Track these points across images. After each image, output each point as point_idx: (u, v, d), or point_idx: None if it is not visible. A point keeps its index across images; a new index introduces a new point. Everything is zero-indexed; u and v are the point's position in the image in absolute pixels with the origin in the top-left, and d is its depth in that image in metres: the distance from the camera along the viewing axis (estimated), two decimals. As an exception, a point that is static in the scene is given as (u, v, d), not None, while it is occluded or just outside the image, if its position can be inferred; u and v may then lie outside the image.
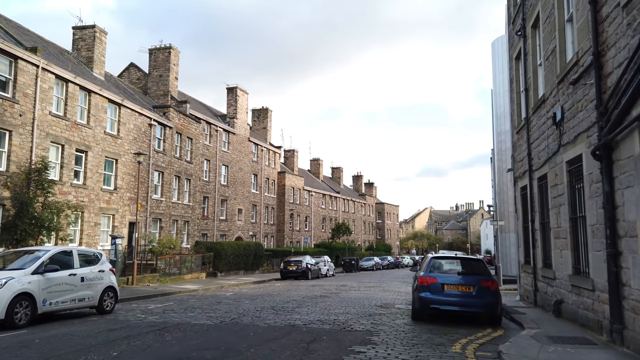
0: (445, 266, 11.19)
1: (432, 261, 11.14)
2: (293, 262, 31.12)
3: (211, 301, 14.91)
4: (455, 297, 10.24)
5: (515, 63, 16.11)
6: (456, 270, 11.11)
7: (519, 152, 15.83)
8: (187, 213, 34.62)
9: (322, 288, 21.34)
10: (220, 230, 41.84)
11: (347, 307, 13.36)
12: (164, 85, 37.37)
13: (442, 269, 11.06)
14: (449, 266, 11.21)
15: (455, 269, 11.16)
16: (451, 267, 11.22)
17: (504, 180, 26.68)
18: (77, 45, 29.95)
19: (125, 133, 27.87)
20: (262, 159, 50.19)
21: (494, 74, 28.52)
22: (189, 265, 26.78)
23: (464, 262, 11.69)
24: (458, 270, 11.09)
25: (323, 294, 17.93)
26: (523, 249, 15.52)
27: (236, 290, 20.53)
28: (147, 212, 29.64)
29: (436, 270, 10.91)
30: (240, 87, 46.44)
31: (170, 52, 37.34)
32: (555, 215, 11.45)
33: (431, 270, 10.83)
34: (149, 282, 21.77)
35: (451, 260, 11.76)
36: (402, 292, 20.06)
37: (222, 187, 42.48)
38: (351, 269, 47.03)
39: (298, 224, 57.11)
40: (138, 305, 14.08)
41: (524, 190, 15.29)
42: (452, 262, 11.54)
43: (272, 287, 22.36)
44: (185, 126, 34.73)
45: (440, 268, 11.07)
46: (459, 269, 11.14)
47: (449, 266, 11.21)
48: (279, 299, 15.41)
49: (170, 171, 32.38)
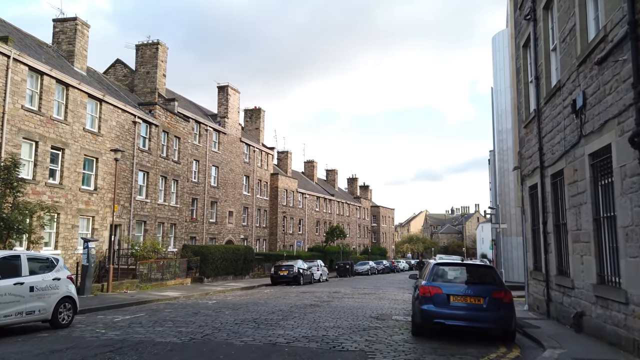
0: (451, 274, 9.78)
1: (435, 268, 9.74)
2: (284, 267, 29.68)
3: (188, 311, 13.47)
4: (463, 310, 8.86)
5: (523, 51, 14.80)
6: (463, 278, 9.71)
7: (527, 148, 14.50)
8: (174, 215, 33.13)
9: (313, 295, 19.92)
10: (209, 233, 40.34)
11: (339, 319, 11.96)
12: (151, 82, 35.89)
13: (447, 278, 9.65)
14: (455, 274, 9.80)
15: (462, 278, 9.75)
16: (457, 275, 9.81)
17: (506, 182, 25.39)
18: (57, 38, 28.47)
19: (107, 130, 26.40)
20: (254, 160, 48.76)
21: (495, 70, 27.29)
22: (173, 270, 25.29)
23: (472, 269, 10.30)
24: (465, 279, 9.68)
25: (314, 302, 16.51)
26: (532, 253, 14.17)
27: (220, 297, 19.07)
28: (130, 214, 28.14)
29: (440, 278, 9.51)
30: (232, 86, 45.04)
31: (157, 48, 35.90)
32: (574, 216, 10.11)
33: (434, 279, 9.44)
34: (127, 288, 20.27)
35: (457, 267, 10.36)
36: (399, 300, 18.67)
37: (212, 188, 41.01)
38: (345, 273, 45.60)
39: (291, 227, 55.64)
40: (104, 316, 12.62)
41: (533, 190, 13.96)
42: (458, 270, 10.14)
43: (259, 294, 20.93)
44: (173, 124, 33.27)
45: (445, 276, 9.66)
46: (467, 278, 9.73)
47: (455, 274, 9.80)
48: (264, 309, 13.99)
49: (156, 171, 30.89)
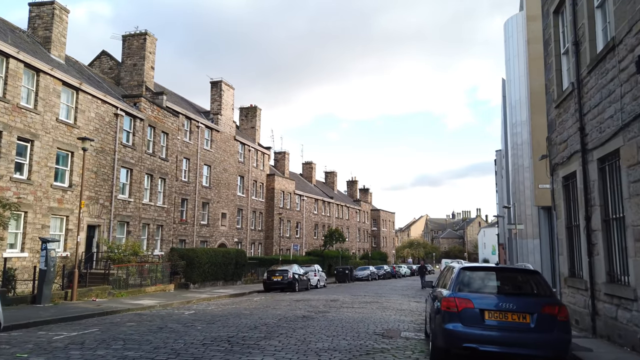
0: (482, 282, 7.40)
1: (461, 274, 7.31)
2: (278, 272, 27.36)
3: (153, 326, 11.17)
4: (503, 331, 6.56)
5: (553, 18, 12.57)
6: (500, 288, 7.37)
7: (559, 131, 12.25)
8: (161, 216, 30.83)
9: (307, 304, 17.63)
10: (200, 236, 38.02)
11: (336, 338, 9.67)
12: (139, 74, 33.71)
13: (478, 287, 7.28)
14: (488, 282, 7.42)
15: (498, 287, 7.42)
16: (491, 283, 7.45)
17: (520, 179, 23.15)
18: (33, 23, 26.27)
19: (85, 122, 24.17)
20: (249, 160, 46.50)
21: (507, 59, 25.10)
22: (155, 275, 22.98)
23: (511, 275, 7.93)
24: (503, 289, 7.33)
25: (307, 313, 14.21)
26: (567, 257, 11.89)
27: (202, 307, 16.77)
28: (111, 214, 25.86)
29: (468, 288, 7.15)
30: (226, 81, 42.83)
31: (145, 39, 33.73)
32: (636, 207, 7.86)
33: (461, 288, 7.11)
34: (96, 296, 17.96)
35: (491, 272, 7.84)
36: (406, 310, 16.38)
37: (204, 188, 38.73)
38: (345, 279, 43.26)
39: (288, 230, 53.32)
40: (47, 332, 10.31)
41: (569, 180, 11.70)
42: (492, 276, 7.66)
43: (248, 303, 18.63)
44: (160, 119, 31.03)
45: (475, 285, 7.29)
46: (505, 287, 7.37)
47: (488, 282, 7.42)
48: (246, 323, 11.70)
49: (140, 168, 28.63)
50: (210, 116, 41.49)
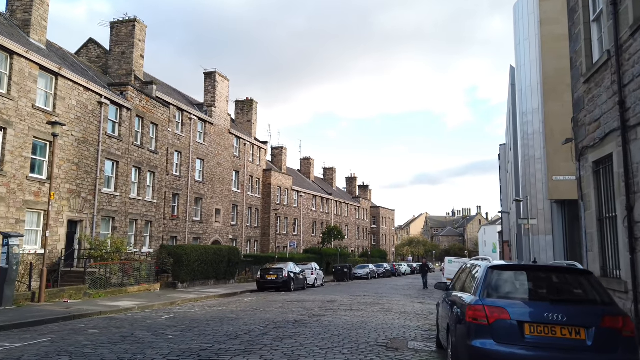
0: (518, 285, 5.77)
1: (490, 275, 5.72)
2: (272, 271, 25.79)
3: (117, 334, 9.58)
4: (550, 351, 4.97)
5: (581, -19, 10.97)
6: (542, 293, 5.77)
7: (589, 109, 10.68)
8: (150, 212, 29.25)
9: (302, 306, 16.08)
10: (193, 232, 36.48)
11: (330, 351, 8.10)
12: (127, 63, 32.10)
13: (511, 291, 5.69)
14: (525, 285, 5.79)
15: (538, 291, 5.80)
16: (529, 287, 5.82)
17: (532, 171, 21.58)
18: (11, 6, 24.65)
19: (65, 110, 22.58)
20: (245, 155, 44.92)
21: (517, 43, 23.49)
22: (138, 274, 21.42)
23: (556, 276, 6.15)
24: (546, 294, 5.75)
25: (300, 317, 12.65)
26: (598, 254, 10.34)
27: (185, 309, 15.20)
28: (94, 209, 24.29)
29: (499, 292, 5.56)
30: (220, 72, 41.24)
31: (134, 26, 32.11)
32: None
33: (490, 293, 5.53)
34: (69, 297, 16.38)
35: (527, 272, 6.13)
36: (410, 312, 14.83)
37: (197, 183, 37.17)
38: (343, 277, 41.73)
39: (285, 227, 51.77)
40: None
41: (602, 165, 10.14)
42: (529, 277, 5.98)
43: (237, 304, 17.07)
44: (149, 109, 29.44)
45: (508, 289, 5.65)
46: (548, 291, 5.78)
47: (525, 285, 5.79)
48: (227, 330, 10.13)
49: (127, 161, 27.05)
50: (204, 108, 39.91)
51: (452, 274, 30.43)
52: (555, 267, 6.52)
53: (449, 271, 30.03)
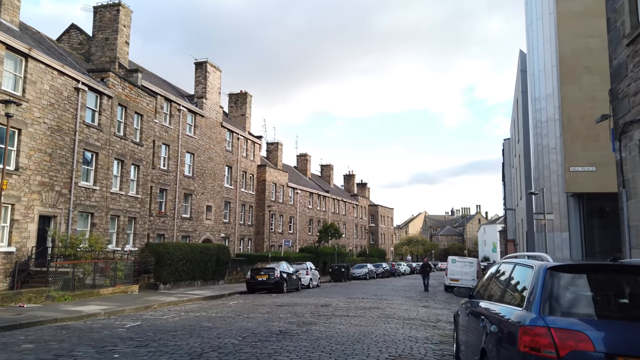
0: (595, 294, 3.87)
1: (551, 279, 3.85)
2: (263, 271, 23.93)
3: (53, 351, 7.67)
4: None
5: None
6: (634, 306, 3.95)
7: (634, 76, 8.85)
8: (134, 207, 27.36)
9: (291, 311, 14.23)
10: (182, 230, 34.60)
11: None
12: (111, 50, 30.22)
13: (587, 304, 3.80)
14: (607, 293, 3.87)
15: (629, 304, 3.91)
16: (612, 298, 3.89)
17: (545, 162, 19.75)
18: (-19, -16, 22.73)
19: (36, 95, 20.69)
20: (238, 149, 43.02)
21: (528, 24, 21.65)
22: (113, 274, 19.52)
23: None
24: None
25: (287, 326, 10.80)
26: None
27: (157, 315, 13.34)
28: (70, 203, 22.40)
29: (565, 306, 3.68)
30: (211, 62, 39.32)
31: (119, 10, 30.22)
32: None
33: (553, 308, 3.66)
34: (27, 300, 14.51)
35: (610, 274, 4.16)
36: (415, 319, 13.00)
37: (186, 178, 35.28)
38: (340, 277, 39.88)
39: (281, 225, 49.90)
40: None
41: (654, 143, 8.32)
42: (614, 283, 4.07)
43: (219, 309, 15.21)
44: (133, 98, 27.53)
45: (582, 302, 3.76)
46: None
47: (607, 293, 3.87)
48: (192, 345, 8.27)
49: (108, 152, 25.16)
50: (195, 100, 38.02)
51: (456, 274, 28.65)
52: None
53: (453, 271, 28.25)
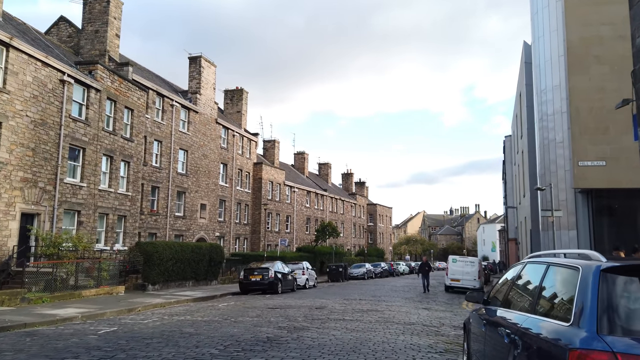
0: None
1: (607, 286, 2.84)
2: (257, 271, 22.99)
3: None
4: None
5: None
6: None
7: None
8: (124, 205, 26.40)
9: (284, 314, 13.30)
10: (175, 229, 33.64)
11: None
12: (101, 43, 29.28)
13: None
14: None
15: None
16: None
17: (552, 157, 18.84)
18: (-38, -29, 21.79)
19: (18, 87, 19.73)
20: (233, 147, 42.06)
21: (533, 12, 20.73)
22: (98, 274, 18.56)
23: None
24: None
25: (276, 332, 9.87)
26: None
27: (138, 319, 12.40)
28: (54, 201, 21.45)
29: (627, 321, 2.79)
30: (206, 57, 38.35)
31: (109, 2, 29.28)
32: None
33: (613, 324, 2.71)
34: (0, 303, 13.54)
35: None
36: (416, 324, 12.07)
37: (180, 176, 34.33)
38: (338, 277, 38.96)
39: (277, 224, 48.96)
40: None
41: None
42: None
43: (207, 311, 14.27)
44: (123, 92, 26.56)
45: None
46: None
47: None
48: (166, 356, 7.35)
49: (96, 148, 24.20)
50: (188, 95, 37.05)
51: (457, 274, 27.70)
52: None
53: (454, 271, 27.34)
